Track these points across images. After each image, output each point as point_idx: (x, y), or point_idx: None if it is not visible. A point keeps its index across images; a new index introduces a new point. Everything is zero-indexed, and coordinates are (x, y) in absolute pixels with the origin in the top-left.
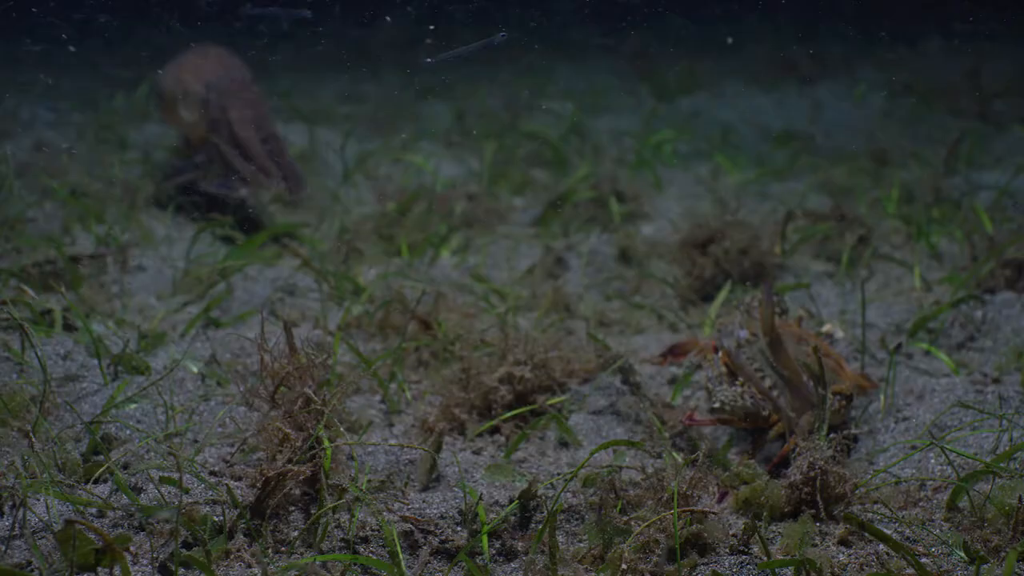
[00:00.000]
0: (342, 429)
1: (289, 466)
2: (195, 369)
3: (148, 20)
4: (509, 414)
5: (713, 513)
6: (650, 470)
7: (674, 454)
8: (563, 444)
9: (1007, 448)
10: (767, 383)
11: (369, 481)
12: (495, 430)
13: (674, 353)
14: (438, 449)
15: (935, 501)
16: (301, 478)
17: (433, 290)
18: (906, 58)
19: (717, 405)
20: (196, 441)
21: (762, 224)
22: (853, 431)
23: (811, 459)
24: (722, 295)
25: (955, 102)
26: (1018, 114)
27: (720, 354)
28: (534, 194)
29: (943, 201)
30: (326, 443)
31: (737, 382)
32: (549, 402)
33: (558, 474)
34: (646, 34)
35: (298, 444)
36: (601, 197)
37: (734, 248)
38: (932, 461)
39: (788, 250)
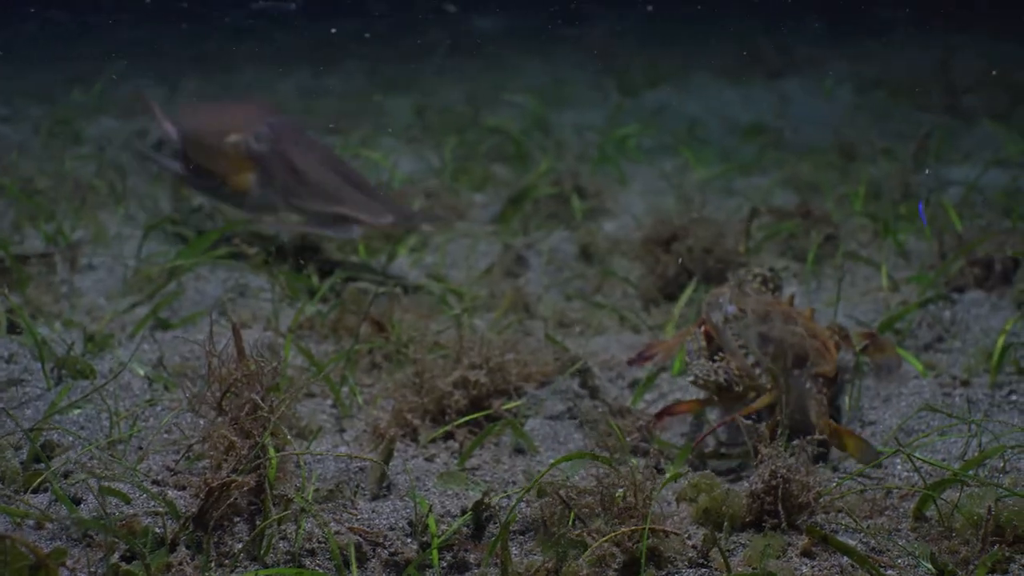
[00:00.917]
0: (291, 436)
1: (233, 476)
2: (141, 373)
3: (108, 13)
4: (463, 419)
5: (675, 533)
6: (606, 480)
7: (633, 461)
8: (519, 450)
9: (976, 454)
10: (750, 360)
11: (317, 490)
12: (449, 436)
13: (644, 357)
14: (389, 456)
15: (902, 510)
16: (246, 488)
17: (387, 290)
18: (875, 51)
19: (691, 378)
20: (140, 448)
21: (727, 221)
22: (817, 436)
23: (773, 467)
24: (686, 294)
25: (924, 96)
26: (987, 108)
27: (702, 328)
28: (495, 190)
29: (911, 197)
30: (271, 452)
31: (716, 358)
32: (505, 407)
33: (513, 482)
34: (612, 27)
35: (244, 452)
36: (563, 193)
37: (698, 246)
38: (899, 467)
39: (753, 248)
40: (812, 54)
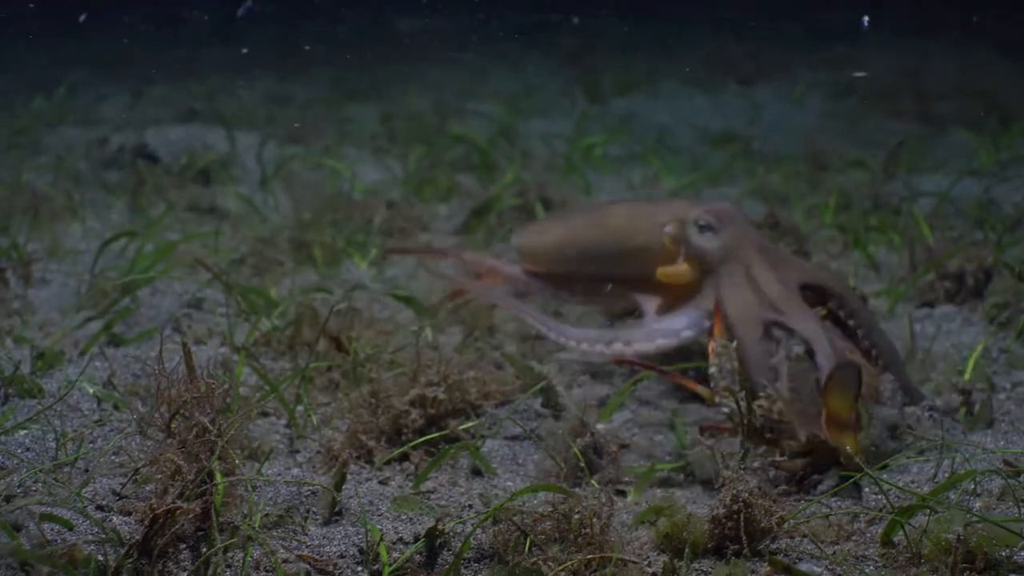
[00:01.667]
0: (241, 458)
1: (179, 502)
2: (91, 391)
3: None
4: (419, 440)
5: (633, 561)
6: (563, 507)
7: (593, 482)
8: (476, 472)
9: (945, 478)
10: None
11: (267, 515)
12: (404, 457)
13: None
14: (341, 480)
15: (869, 535)
16: (191, 515)
17: (346, 305)
18: (848, 58)
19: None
20: (86, 471)
21: None
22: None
23: (735, 491)
24: None
25: (896, 104)
26: (960, 116)
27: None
28: (460, 201)
29: (881, 208)
30: (218, 477)
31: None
32: (462, 427)
33: (469, 506)
34: (582, 34)
35: (190, 477)
36: (528, 204)
37: None
38: (866, 490)
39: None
40: (783, 60)
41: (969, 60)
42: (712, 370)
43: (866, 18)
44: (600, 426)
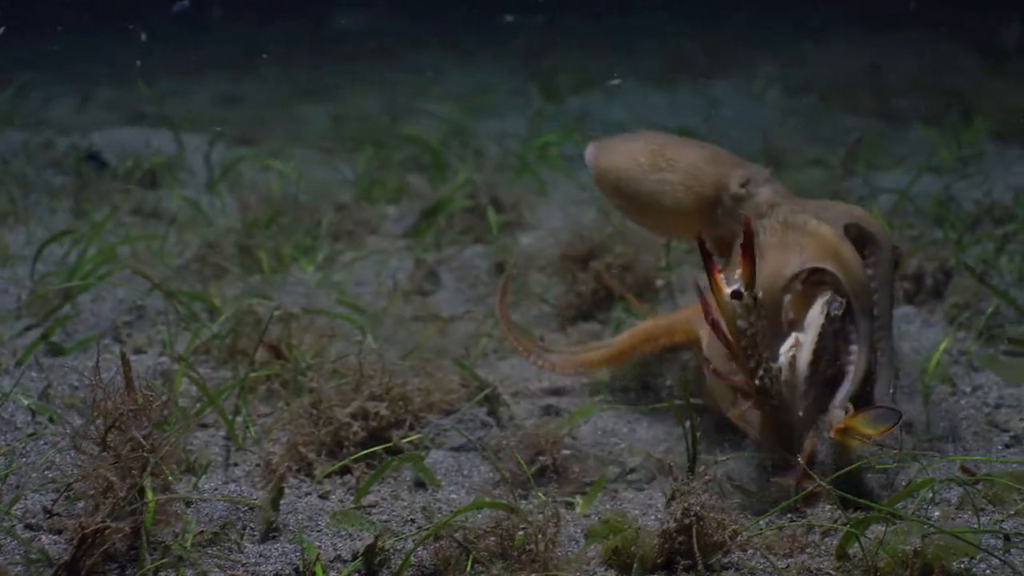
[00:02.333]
0: (177, 474)
1: (108, 521)
2: (26, 403)
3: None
4: (361, 453)
5: None
6: (506, 523)
7: (540, 495)
8: (420, 485)
9: (903, 487)
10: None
11: (202, 532)
12: (346, 470)
13: None
14: (278, 496)
15: (824, 547)
16: (121, 534)
17: (285, 312)
18: (807, 53)
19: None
20: (17, 487)
21: (647, 235)
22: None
23: (686, 504)
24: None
25: (855, 99)
26: (920, 112)
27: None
28: (410, 202)
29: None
30: (149, 495)
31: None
32: (405, 439)
33: (412, 520)
34: (539, 31)
35: (122, 495)
36: (479, 206)
37: (617, 263)
38: (822, 501)
39: (673, 264)
40: (742, 56)
41: (930, 55)
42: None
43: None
44: (549, 436)
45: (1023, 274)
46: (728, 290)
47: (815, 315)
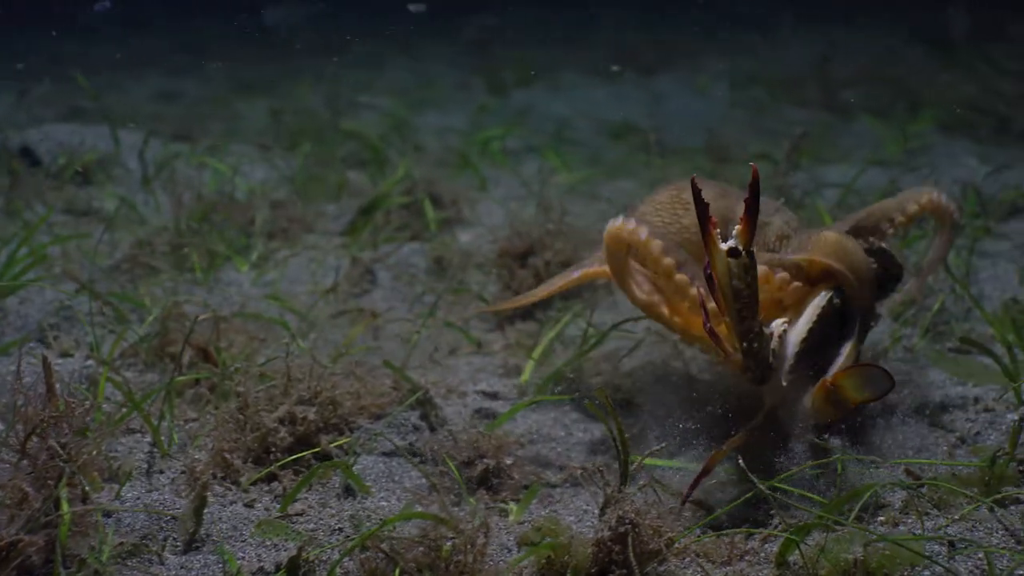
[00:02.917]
0: (99, 481)
1: (22, 534)
2: None
3: None
4: (288, 459)
5: None
6: (434, 533)
7: (472, 501)
8: (349, 492)
9: (844, 493)
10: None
11: (121, 544)
12: (273, 477)
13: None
14: (201, 505)
15: (763, 554)
16: (35, 547)
17: (214, 313)
18: (755, 45)
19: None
20: None
21: (588, 231)
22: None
23: (621, 512)
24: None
25: (803, 92)
26: (867, 104)
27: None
28: (349, 199)
29: (785, 200)
30: (64, 507)
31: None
32: (334, 444)
33: (340, 529)
34: (485, 24)
35: (36, 505)
36: (418, 202)
37: (555, 260)
38: (762, 506)
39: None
40: (688, 49)
41: (877, 46)
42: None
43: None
44: (487, 437)
45: (970, 269)
46: (725, 247)
47: (817, 299)
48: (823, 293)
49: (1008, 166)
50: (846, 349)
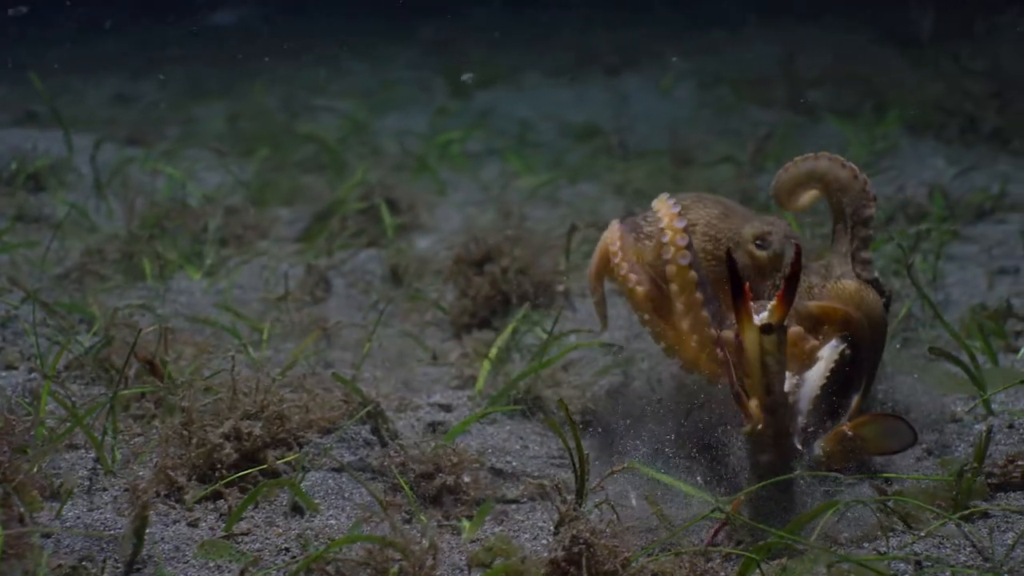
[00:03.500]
0: (40, 500)
1: None
2: None
3: None
4: (233, 476)
5: None
6: (380, 555)
7: (422, 518)
8: (297, 510)
9: (805, 512)
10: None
11: (59, 566)
12: (218, 495)
13: None
14: (143, 525)
15: (723, 574)
16: None
17: (159, 324)
18: (720, 44)
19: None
20: None
21: (546, 237)
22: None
23: (575, 531)
24: (510, 327)
25: (769, 92)
26: (833, 104)
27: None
28: (305, 204)
29: (749, 203)
30: None
31: None
32: (281, 460)
33: (286, 549)
34: (447, 24)
35: None
36: (374, 207)
37: (513, 267)
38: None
39: (572, 267)
40: (654, 48)
41: (843, 45)
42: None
43: None
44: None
45: (937, 274)
46: (758, 322)
47: (829, 352)
48: (833, 343)
49: (975, 167)
50: (855, 398)
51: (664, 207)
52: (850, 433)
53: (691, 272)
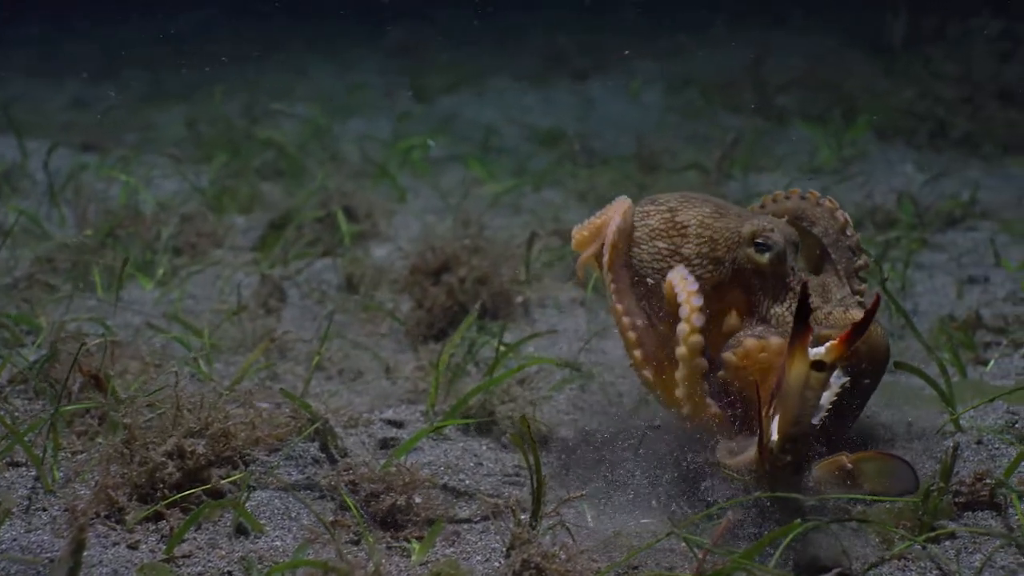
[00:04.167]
0: None
1: None
2: None
3: None
4: (175, 496)
5: None
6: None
7: (369, 539)
8: (241, 531)
9: (763, 535)
10: None
11: None
12: (160, 516)
13: None
14: (80, 547)
15: None
16: None
17: (107, 336)
18: (689, 49)
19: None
20: None
21: (506, 246)
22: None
23: (525, 555)
24: (458, 334)
25: (737, 97)
26: (802, 109)
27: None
28: (262, 212)
29: None
30: None
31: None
32: (226, 479)
33: (228, 573)
34: (412, 28)
35: None
36: (331, 216)
37: (471, 277)
38: (680, 547)
39: (532, 276)
40: (622, 52)
41: (813, 49)
42: None
43: None
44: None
45: (906, 283)
46: (813, 356)
47: (834, 379)
48: (836, 375)
49: (945, 173)
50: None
51: (681, 283)
52: (849, 465)
53: (701, 360)
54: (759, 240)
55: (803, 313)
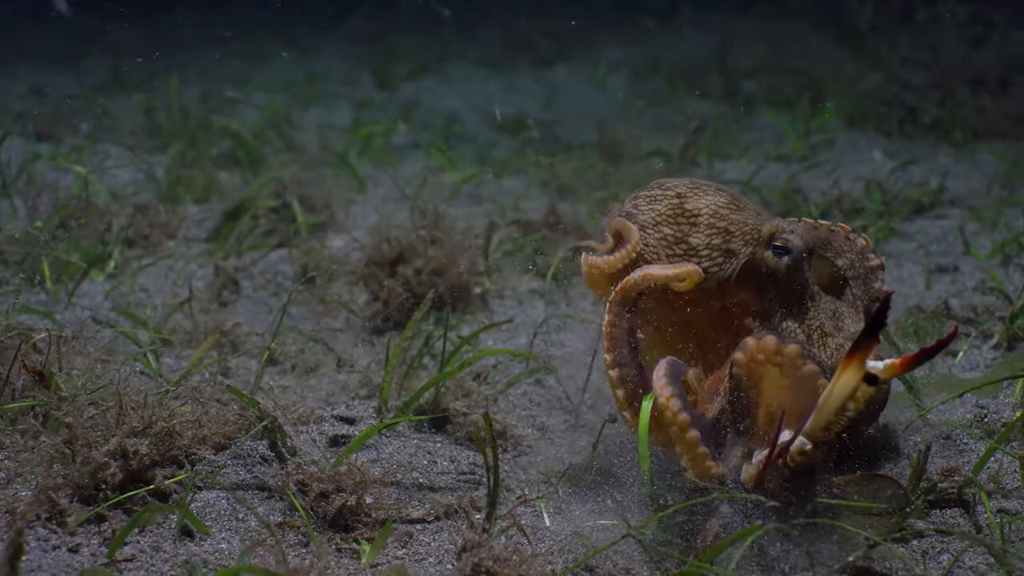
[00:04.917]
0: None
1: None
2: None
3: None
4: (118, 498)
5: None
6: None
7: (316, 540)
8: (187, 533)
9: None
10: None
11: None
12: (102, 518)
13: None
14: (18, 551)
15: None
16: None
17: (53, 331)
18: (654, 34)
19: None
20: None
21: (463, 236)
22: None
23: (476, 559)
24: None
25: (703, 82)
26: (769, 96)
27: None
28: (218, 202)
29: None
30: None
31: None
32: (171, 480)
33: None
34: (374, 14)
35: None
36: (286, 205)
37: (427, 268)
38: (637, 554)
39: (492, 267)
40: (587, 37)
41: (779, 34)
42: None
43: None
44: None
45: None
46: (869, 367)
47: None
48: None
49: (914, 161)
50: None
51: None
52: (836, 490)
53: (693, 432)
54: (777, 243)
55: (877, 324)
